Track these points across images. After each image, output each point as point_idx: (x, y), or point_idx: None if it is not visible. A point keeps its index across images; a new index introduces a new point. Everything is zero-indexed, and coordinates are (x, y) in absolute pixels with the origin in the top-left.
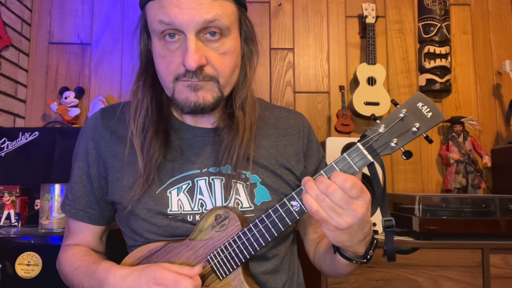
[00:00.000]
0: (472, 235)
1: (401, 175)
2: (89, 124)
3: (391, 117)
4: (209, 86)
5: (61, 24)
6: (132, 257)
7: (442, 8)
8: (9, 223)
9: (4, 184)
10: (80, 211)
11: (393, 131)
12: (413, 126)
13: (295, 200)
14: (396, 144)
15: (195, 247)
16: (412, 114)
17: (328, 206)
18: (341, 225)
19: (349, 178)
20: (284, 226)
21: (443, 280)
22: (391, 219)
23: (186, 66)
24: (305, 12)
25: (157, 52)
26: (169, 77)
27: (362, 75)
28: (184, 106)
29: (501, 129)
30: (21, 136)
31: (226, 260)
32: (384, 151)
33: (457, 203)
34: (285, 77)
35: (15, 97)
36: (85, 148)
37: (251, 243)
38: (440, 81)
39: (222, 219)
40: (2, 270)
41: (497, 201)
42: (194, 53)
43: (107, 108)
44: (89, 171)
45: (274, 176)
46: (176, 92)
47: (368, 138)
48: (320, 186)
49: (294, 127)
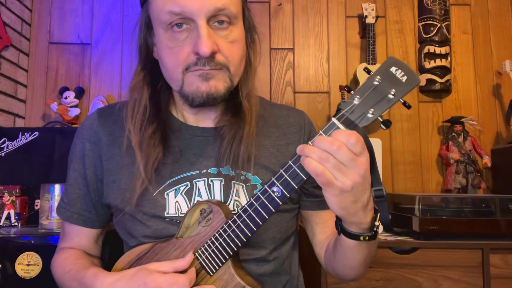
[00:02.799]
0: (472, 235)
1: (401, 175)
2: (86, 124)
3: (364, 86)
4: (220, 75)
5: (61, 24)
6: (122, 262)
7: (442, 8)
8: (9, 223)
9: (4, 184)
10: (76, 214)
11: (368, 100)
12: (389, 93)
13: (276, 186)
14: (373, 114)
15: (183, 245)
16: (387, 80)
17: (333, 165)
18: (347, 185)
19: (352, 133)
20: (267, 214)
21: (443, 280)
22: (381, 189)
23: (200, 52)
24: (305, 12)
25: (164, 44)
26: (178, 68)
27: (362, 75)
28: (195, 97)
29: (501, 129)
30: (21, 136)
31: (214, 254)
32: (361, 123)
33: (457, 203)
34: (285, 77)
35: (15, 97)
36: (81, 149)
37: (237, 234)
38: (440, 81)
39: (207, 213)
40: (2, 270)
41: (497, 201)
42: (208, 39)
43: (104, 109)
44: (85, 173)
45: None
46: (185, 83)
47: (343, 111)
48: (323, 145)
49: (295, 125)
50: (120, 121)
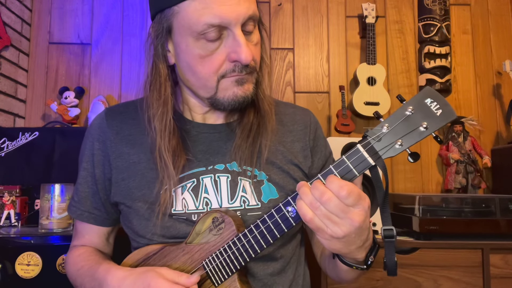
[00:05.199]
0: (472, 235)
1: (401, 175)
2: (95, 124)
3: (395, 116)
4: (251, 78)
5: (61, 24)
6: (131, 259)
7: (442, 8)
8: (9, 223)
9: (4, 184)
10: (86, 213)
11: (397, 130)
12: (421, 126)
13: (291, 206)
14: (401, 146)
15: (191, 251)
16: (420, 112)
17: (323, 214)
18: (337, 234)
19: (345, 185)
20: (279, 233)
21: (443, 280)
22: (391, 228)
23: (242, 61)
24: (305, 12)
25: (194, 53)
26: (214, 76)
27: (362, 75)
28: (231, 102)
29: (501, 129)
30: (21, 136)
31: (221, 266)
32: (387, 153)
33: (457, 203)
34: (285, 77)
35: (15, 97)
36: (91, 149)
37: (246, 249)
38: (440, 81)
39: (219, 222)
40: (2, 270)
41: (497, 201)
42: (247, 47)
43: (112, 108)
44: (94, 172)
45: (281, 172)
46: (220, 90)
47: (369, 139)
48: (315, 193)
49: (301, 123)
50: (128, 119)
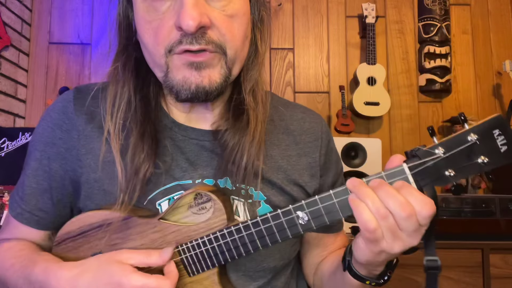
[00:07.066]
0: (472, 235)
1: None
2: (58, 107)
3: (454, 140)
4: (215, 61)
5: (61, 24)
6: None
7: (442, 8)
8: None
9: (4, 184)
10: (27, 213)
11: (453, 158)
12: (479, 158)
13: (304, 212)
14: (451, 176)
15: (165, 230)
16: (483, 143)
17: (389, 227)
18: (394, 250)
19: (430, 203)
20: (282, 238)
21: (443, 280)
22: (436, 259)
23: (183, 25)
24: (305, 12)
25: (141, 17)
26: (160, 49)
27: (362, 75)
28: (181, 89)
29: None
30: (21, 136)
31: (202, 257)
32: (436, 182)
33: (457, 203)
34: (285, 77)
35: (15, 97)
36: (49, 136)
37: (237, 246)
38: (440, 81)
39: (203, 201)
40: None
41: (497, 201)
42: (193, 7)
43: (82, 89)
44: (49, 165)
45: (282, 194)
46: (170, 69)
47: (419, 161)
48: (390, 201)
49: (310, 133)
50: (100, 105)
